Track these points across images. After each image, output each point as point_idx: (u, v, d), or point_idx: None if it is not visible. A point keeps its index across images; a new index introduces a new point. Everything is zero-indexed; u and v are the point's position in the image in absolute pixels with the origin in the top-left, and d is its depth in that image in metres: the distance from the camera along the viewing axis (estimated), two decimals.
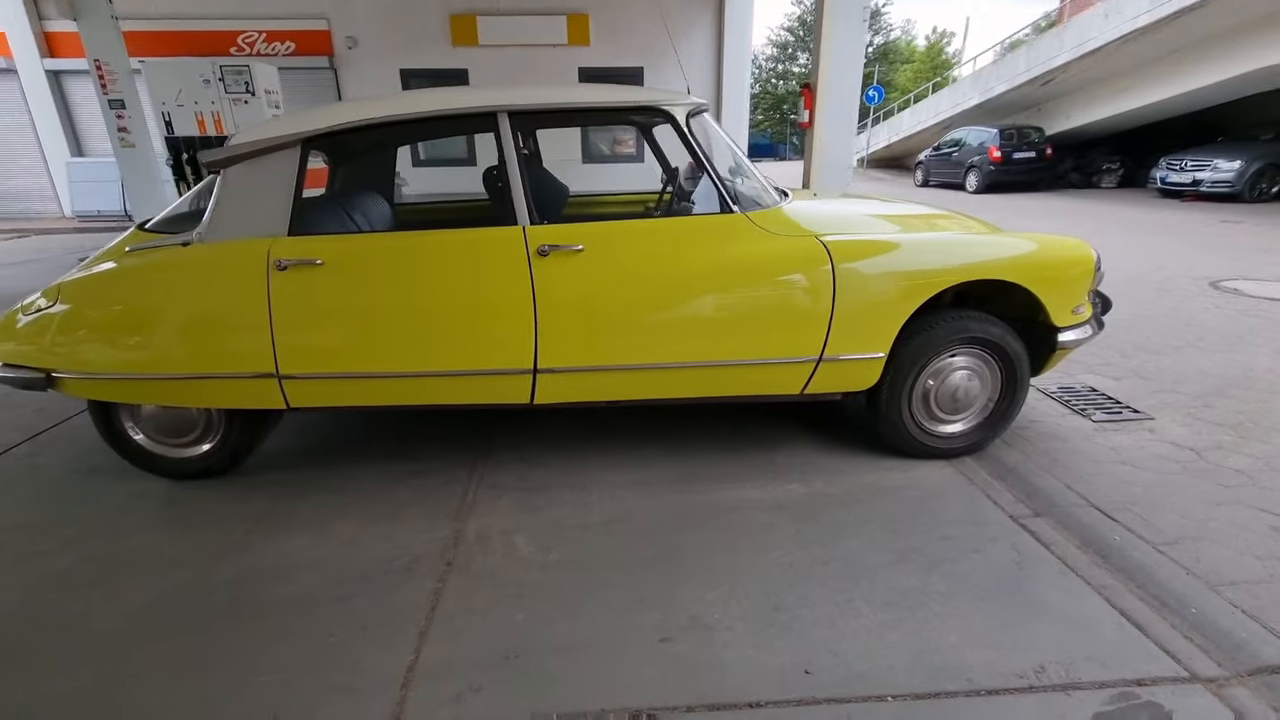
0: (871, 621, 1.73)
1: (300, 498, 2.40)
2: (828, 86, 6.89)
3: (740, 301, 2.31)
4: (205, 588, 1.91)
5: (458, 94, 2.28)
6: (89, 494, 2.43)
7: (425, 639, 1.68)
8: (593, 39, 11.76)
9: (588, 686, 1.53)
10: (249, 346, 2.21)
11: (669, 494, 2.39)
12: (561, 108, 2.30)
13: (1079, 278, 2.45)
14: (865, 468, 2.56)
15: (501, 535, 2.14)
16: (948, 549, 2.04)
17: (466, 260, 2.25)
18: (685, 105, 2.37)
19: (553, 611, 1.78)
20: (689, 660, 1.60)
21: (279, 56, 11.45)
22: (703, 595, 1.84)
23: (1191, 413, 3.02)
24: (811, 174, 7.31)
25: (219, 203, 2.24)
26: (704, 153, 2.33)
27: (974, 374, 2.52)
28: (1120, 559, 1.97)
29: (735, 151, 2.74)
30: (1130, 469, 2.51)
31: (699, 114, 2.54)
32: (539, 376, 2.31)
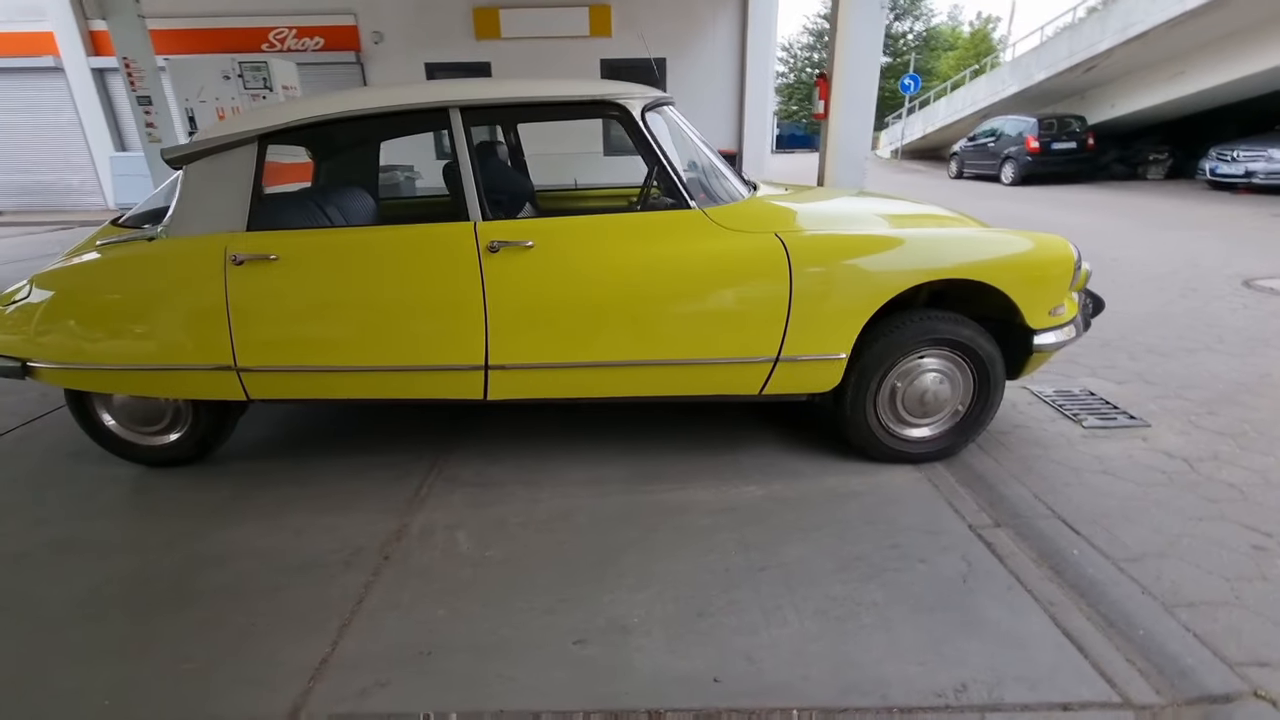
0: (797, 630, 1.69)
1: (261, 488, 2.45)
2: (844, 76, 6.71)
3: (693, 299, 2.26)
4: (151, 573, 1.97)
5: (411, 90, 2.28)
6: (66, 478, 2.53)
7: (345, 632, 1.70)
8: (615, 30, 11.70)
9: (492, 687, 1.52)
10: (208, 339, 2.26)
11: (621, 493, 2.36)
12: (513, 102, 2.28)
13: (1056, 278, 2.32)
14: (829, 471, 2.49)
15: (445, 530, 2.15)
16: (894, 558, 1.97)
17: (418, 256, 2.26)
18: (640, 99, 2.32)
19: (476, 609, 1.78)
20: (598, 664, 1.58)
21: (308, 52, 11.71)
22: (630, 597, 1.82)
23: (1193, 420, 2.85)
24: (826, 165, 7.16)
25: (181, 199, 2.29)
26: (659, 147, 2.29)
27: (944, 377, 2.42)
28: (1075, 575, 1.87)
29: (702, 147, 2.68)
30: (1111, 479, 2.39)
31: (658, 107, 2.49)
32: (490, 373, 2.31)
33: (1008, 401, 3.09)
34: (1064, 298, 2.36)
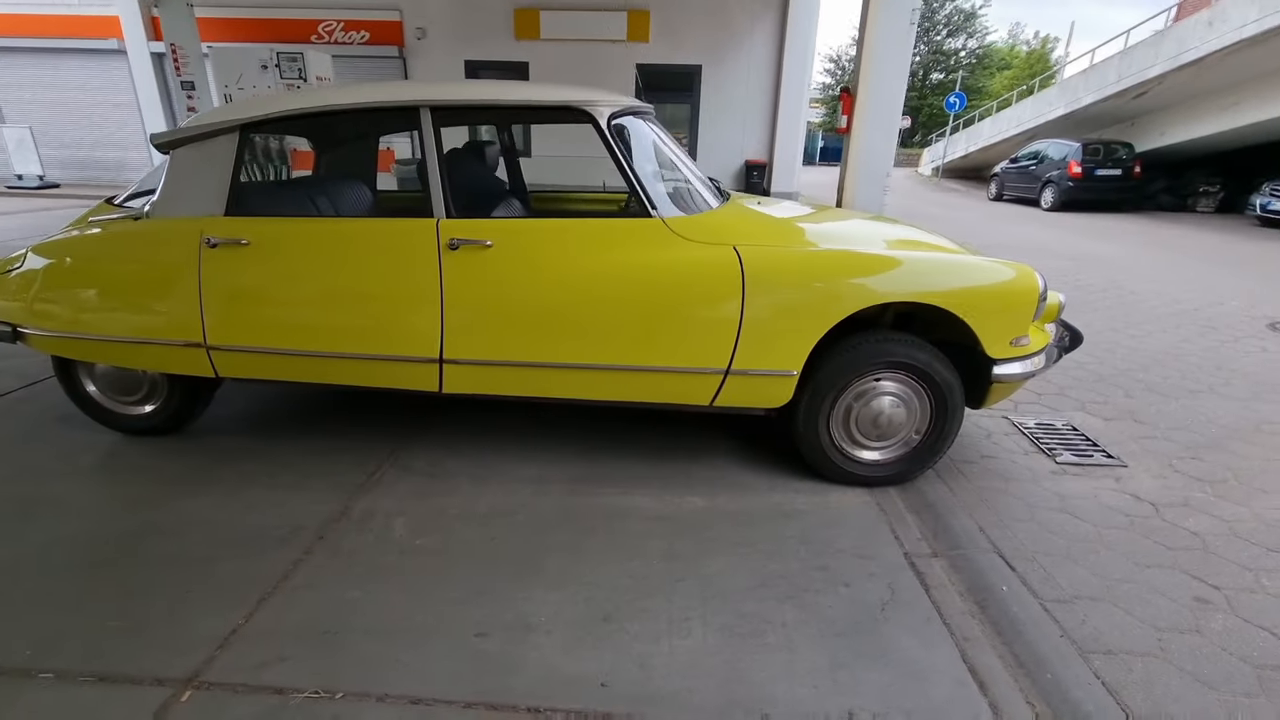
0: (698, 643, 1.69)
1: (226, 462, 2.55)
2: (869, 90, 6.64)
3: (646, 306, 2.27)
4: (104, 536, 2.07)
5: (385, 88, 2.35)
6: (49, 440, 2.68)
7: (262, 606, 1.76)
8: (652, 36, 11.75)
9: (385, 671, 1.56)
10: (181, 317, 2.37)
11: (565, 494, 2.39)
12: (482, 104, 2.34)
13: (1018, 308, 2.27)
14: (778, 488, 2.48)
15: (384, 516, 2.21)
16: (818, 580, 1.95)
17: (382, 249, 2.32)
18: (609, 106, 2.35)
19: (392, 595, 1.83)
20: (493, 657, 1.61)
21: (354, 45, 12.06)
22: (544, 596, 1.84)
23: (1173, 464, 2.75)
24: (847, 181, 7.08)
25: (167, 181, 2.41)
26: (623, 155, 2.31)
27: (900, 401, 2.39)
28: (998, 612, 1.83)
29: (678, 157, 2.70)
30: (1066, 519, 2.32)
31: (629, 116, 2.51)
32: (445, 367, 2.36)
33: (981, 430, 3.03)
34: (1026, 328, 2.30)
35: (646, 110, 2.75)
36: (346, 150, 3.30)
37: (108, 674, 1.53)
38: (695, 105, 12.06)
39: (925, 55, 37.52)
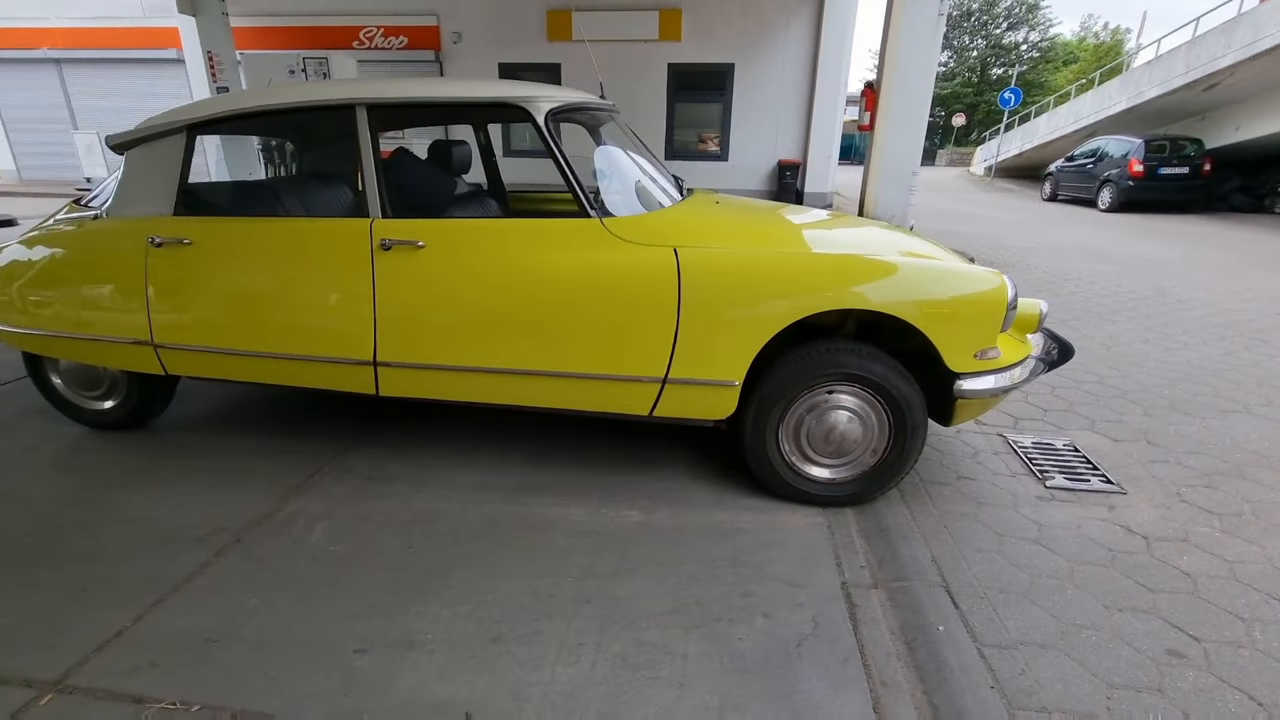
0: (584, 672, 1.58)
1: (175, 458, 2.58)
2: (893, 85, 6.34)
3: (580, 310, 2.17)
4: (30, 528, 2.11)
5: (323, 87, 2.32)
6: (19, 432, 2.77)
7: (154, 609, 1.75)
8: (684, 35, 11.61)
9: (250, 684, 1.51)
10: (129, 315, 2.40)
11: (498, 502, 2.31)
12: (417, 102, 2.28)
13: (980, 316, 2.07)
14: (724, 505, 2.34)
15: (307, 520, 2.17)
16: (736, 608, 1.81)
17: (319, 249, 2.30)
18: (549, 101, 2.26)
19: (286, 604, 1.79)
20: (365, 676, 1.54)
21: (392, 50, 12.36)
22: (438, 612, 1.76)
23: (1181, 493, 2.47)
24: (870, 181, 6.79)
25: (121, 182, 2.45)
26: (560, 153, 2.21)
27: (856, 416, 2.22)
28: (928, 654, 1.65)
29: (637, 154, 2.59)
30: (1038, 550, 2.10)
31: (579, 112, 2.41)
32: (379, 369, 2.32)
33: (967, 448, 2.80)
34: (993, 339, 2.09)
35: (605, 107, 2.65)
36: (328, 150, 3.32)
37: None
38: (727, 105, 11.86)
39: (983, 50, 35.95)
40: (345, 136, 2.27)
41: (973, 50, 36.21)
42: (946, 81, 34.77)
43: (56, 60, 13.63)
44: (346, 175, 2.64)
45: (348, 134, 2.27)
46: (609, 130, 2.86)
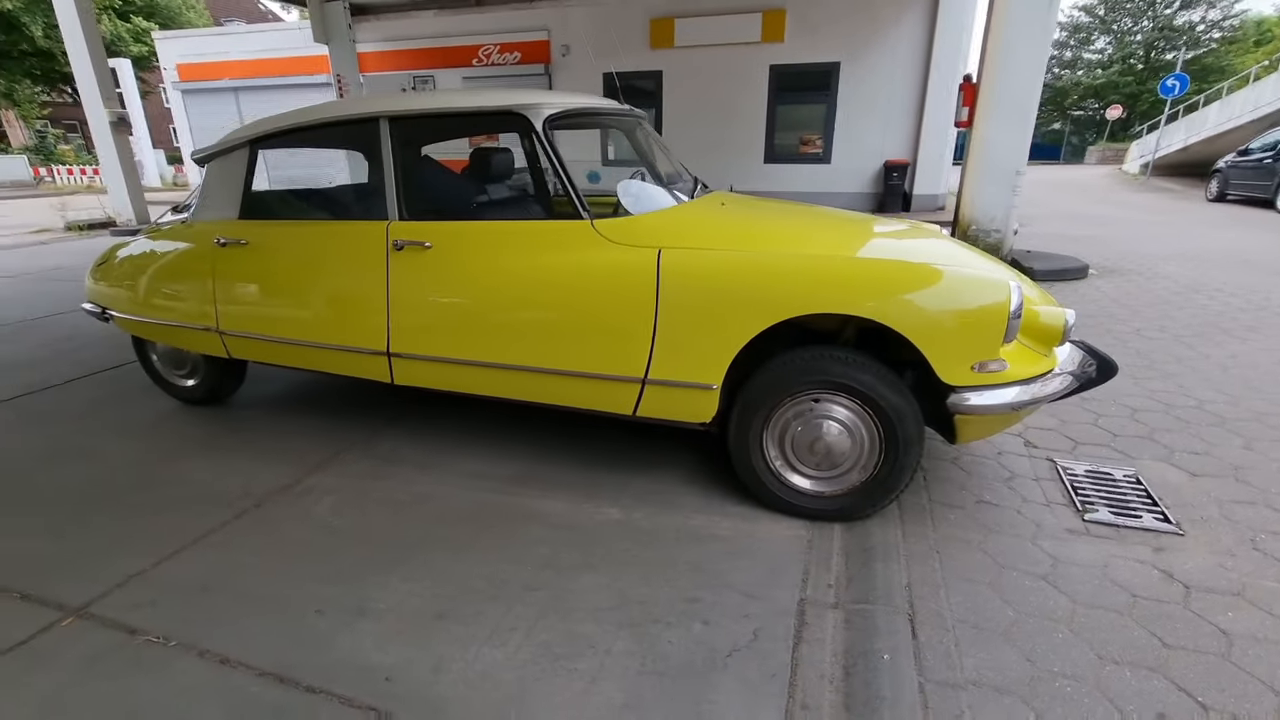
0: (507, 657, 1.63)
1: (235, 432, 2.95)
2: (995, 75, 5.85)
3: (567, 309, 2.24)
4: (102, 479, 2.51)
5: (354, 103, 2.56)
6: (128, 404, 3.27)
7: (173, 557, 2.02)
8: (787, 35, 11.35)
9: (222, 629, 1.72)
10: (201, 306, 2.78)
11: (489, 490, 2.43)
12: (429, 113, 2.45)
13: (976, 325, 1.89)
14: (709, 510, 2.30)
15: (320, 493, 2.41)
16: (678, 612, 1.79)
17: (344, 248, 2.54)
18: (549, 108, 2.34)
19: (275, 564, 2.00)
20: (315, 635, 1.70)
21: (507, 65, 13.12)
22: (397, 585, 1.90)
23: (1257, 540, 2.11)
24: (968, 181, 6.29)
25: (202, 191, 2.85)
26: (556, 158, 2.29)
27: (843, 428, 2.10)
28: (862, 682, 1.55)
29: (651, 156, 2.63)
30: (1041, 588, 1.88)
31: (577, 117, 2.48)
32: (393, 360, 2.52)
33: (1004, 471, 2.56)
34: (994, 351, 1.90)
35: (622, 112, 2.70)
36: (370, 158, 3.61)
37: (29, 591, 1.86)
38: (831, 104, 11.44)
39: (1149, 33, 31.75)
40: (376, 145, 2.48)
41: (1135, 34, 32.10)
42: (1101, 70, 31.14)
43: (234, 89, 15.81)
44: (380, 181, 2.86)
45: (376, 143, 2.48)
46: (625, 134, 2.91)
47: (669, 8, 11.85)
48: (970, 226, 6.28)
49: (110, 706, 1.50)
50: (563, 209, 2.34)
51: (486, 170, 3.16)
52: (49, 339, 4.34)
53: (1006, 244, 6.36)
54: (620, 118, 2.81)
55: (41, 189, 20.36)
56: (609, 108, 2.71)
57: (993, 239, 6.23)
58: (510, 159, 3.30)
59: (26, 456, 2.71)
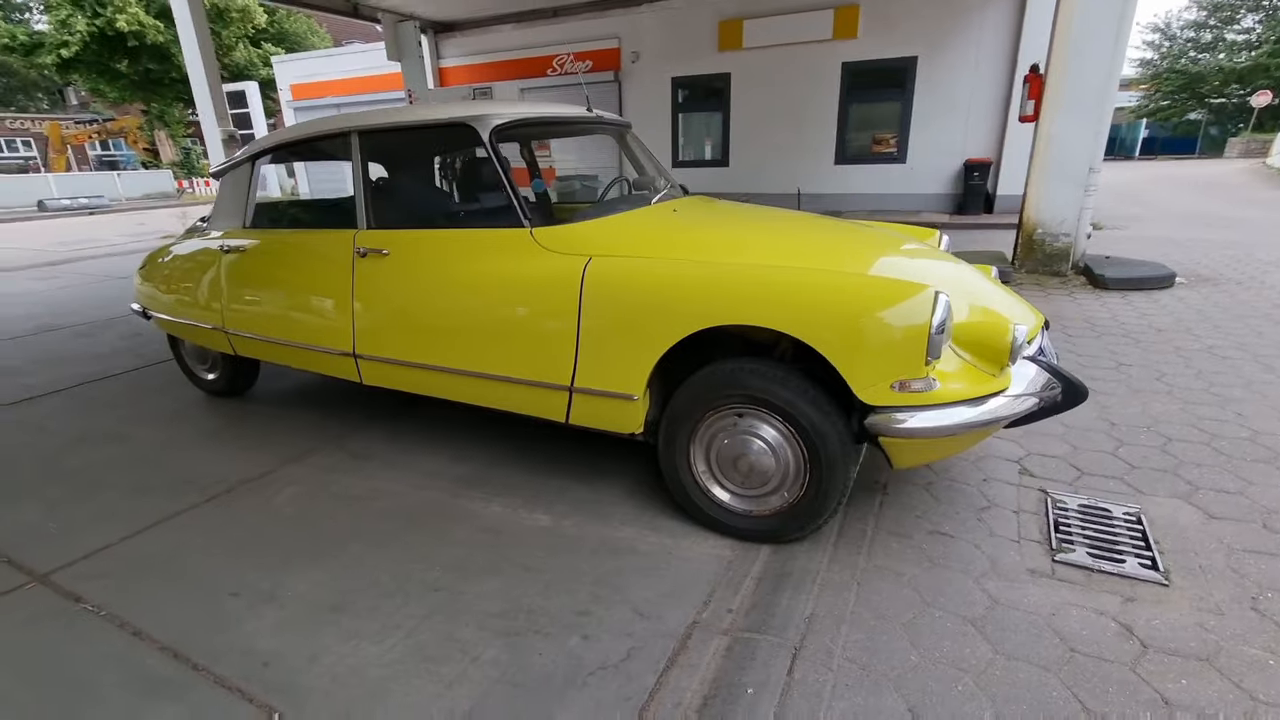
0: (380, 653, 1.68)
1: (239, 424, 3.21)
2: (1066, 65, 5.35)
3: (501, 316, 2.28)
4: (118, 462, 2.80)
5: (331, 121, 2.71)
6: (160, 394, 3.63)
7: (138, 534, 2.23)
8: (861, 31, 10.89)
9: (149, 603, 1.88)
10: (211, 306, 3.05)
11: (438, 490, 2.50)
12: (391, 127, 2.56)
13: (893, 340, 1.73)
14: (641, 523, 2.26)
15: (285, 484, 2.57)
16: (562, 624, 1.77)
17: (321, 255, 2.70)
18: (497, 119, 2.38)
19: (219, 546, 2.16)
20: (221, 615, 1.82)
21: (579, 74, 13.41)
22: (312, 574, 2.00)
23: (1259, 600, 1.82)
24: (1033, 181, 5.80)
25: (216, 201, 3.13)
26: (501, 168, 2.33)
27: (767, 446, 2.00)
28: (717, 714, 1.47)
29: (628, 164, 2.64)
30: (966, 633, 1.71)
31: (529, 127, 2.52)
32: (359, 361, 2.65)
33: (980, 499, 2.35)
34: (917, 369, 1.74)
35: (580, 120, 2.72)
36: (406, 168, 3.83)
37: (12, 556, 2.12)
38: (907, 102, 10.84)
39: None
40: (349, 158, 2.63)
41: None
42: (1248, 52, 27.53)
43: (338, 105, 17.13)
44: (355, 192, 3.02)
45: (349, 156, 2.63)
46: (590, 141, 2.91)
47: (738, 9, 11.69)
48: (1036, 230, 5.77)
49: (25, 660, 1.68)
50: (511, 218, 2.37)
51: (452, 181, 3.28)
52: (122, 334, 4.90)
53: (1078, 248, 5.79)
54: (587, 125, 2.82)
55: (183, 199, 22.97)
56: (569, 116, 2.72)
57: (1061, 243, 5.69)
58: (478, 168, 3.39)
59: (62, 438, 3.07)
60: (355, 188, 2.60)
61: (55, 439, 3.07)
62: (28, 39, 24.74)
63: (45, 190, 20.67)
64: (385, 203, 2.64)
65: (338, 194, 3.89)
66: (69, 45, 23.53)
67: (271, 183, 16.71)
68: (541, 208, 2.48)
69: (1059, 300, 5.05)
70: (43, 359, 4.36)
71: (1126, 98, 32.80)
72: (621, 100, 13.33)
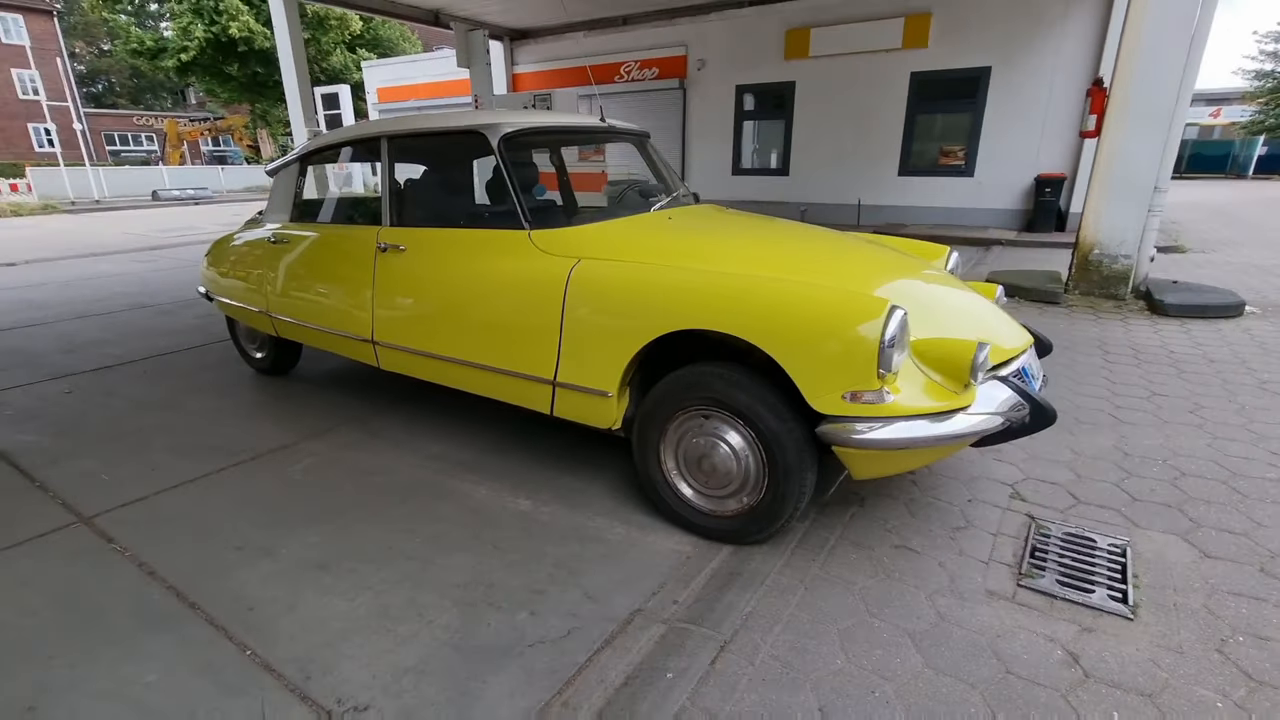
0: (348, 608, 1.85)
1: (278, 400, 3.51)
2: (1132, 76, 5.09)
3: (497, 312, 2.44)
4: (168, 428, 3.13)
5: (364, 126, 2.97)
6: (218, 370, 4.00)
7: (168, 490, 2.52)
8: (932, 40, 10.59)
9: (167, 548, 2.13)
10: (259, 292, 3.37)
11: (436, 471, 2.68)
12: (417, 132, 2.77)
13: (845, 350, 1.77)
14: (615, 514, 2.36)
15: (304, 455, 2.82)
16: (516, 600, 1.89)
17: (346, 249, 2.95)
18: (507, 128, 2.54)
19: (236, 506, 2.41)
20: (224, 563, 2.05)
21: (645, 80, 13.64)
22: (306, 537, 2.20)
23: (1227, 642, 1.75)
24: (1093, 198, 5.53)
25: (270, 197, 3.45)
26: (507, 172, 2.49)
27: (730, 448, 2.07)
28: (632, 695, 1.55)
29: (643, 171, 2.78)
30: (901, 644, 1.73)
31: (539, 135, 2.67)
32: (377, 347, 2.88)
33: (961, 519, 2.32)
34: (868, 380, 1.77)
35: (591, 129, 2.85)
36: (426, 171, 4.04)
37: (68, 500, 2.43)
38: (978, 112, 10.45)
39: None
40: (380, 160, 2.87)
41: None
42: None
43: (418, 108, 18.03)
44: None
45: (379, 158, 2.86)
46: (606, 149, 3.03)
47: (806, 18, 11.60)
48: (1093, 250, 5.49)
49: (56, 587, 1.96)
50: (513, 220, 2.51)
51: (466, 184, 3.47)
52: (198, 314, 5.39)
53: (1139, 271, 5.47)
54: (604, 134, 2.95)
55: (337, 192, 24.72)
56: (582, 126, 2.86)
57: (1120, 265, 5.39)
58: (534, 172, 3.58)
59: (127, 403, 3.46)
60: (382, 188, 2.83)
61: (121, 403, 3.46)
62: (153, 44, 27.25)
63: (159, 182, 22.74)
64: (406, 202, 2.86)
65: (369, 193, 4.19)
66: (187, 50, 25.78)
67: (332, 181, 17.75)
68: (545, 211, 2.63)
69: (1109, 325, 4.80)
70: (127, 333, 4.89)
71: (1238, 112, 30.23)
72: (686, 108, 13.45)
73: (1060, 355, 4.07)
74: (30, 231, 12.78)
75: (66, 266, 8.33)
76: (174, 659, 1.68)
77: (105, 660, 1.68)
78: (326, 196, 3.25)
